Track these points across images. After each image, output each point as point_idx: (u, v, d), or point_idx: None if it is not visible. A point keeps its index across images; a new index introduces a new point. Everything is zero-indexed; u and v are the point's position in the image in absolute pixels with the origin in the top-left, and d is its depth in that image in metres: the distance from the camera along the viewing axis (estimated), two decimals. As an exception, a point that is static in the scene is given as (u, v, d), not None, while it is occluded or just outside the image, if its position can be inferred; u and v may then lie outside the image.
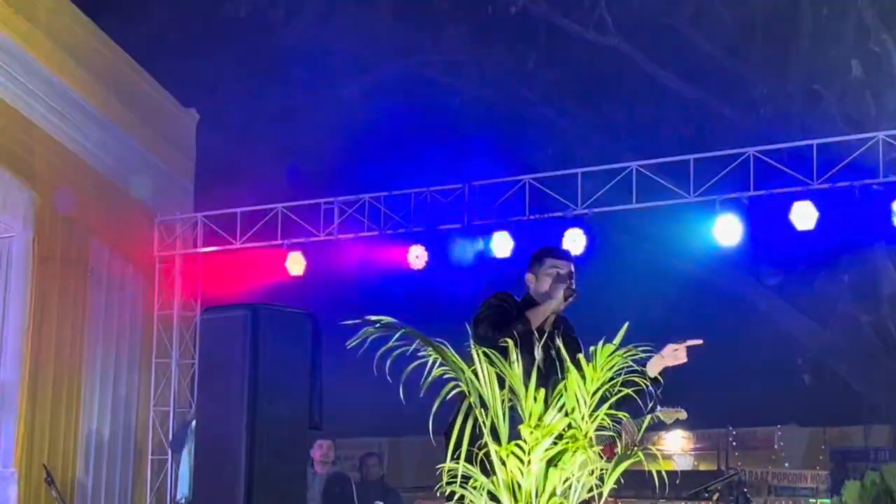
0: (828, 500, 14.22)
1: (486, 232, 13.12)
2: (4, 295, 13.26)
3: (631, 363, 5.61)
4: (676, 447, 18.34)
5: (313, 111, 14.59)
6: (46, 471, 12.29)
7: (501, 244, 13.01)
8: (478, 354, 5.60)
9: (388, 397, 5.66)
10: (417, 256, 13.36)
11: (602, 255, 13.03)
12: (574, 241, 12.75)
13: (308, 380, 10.22)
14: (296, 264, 13.57)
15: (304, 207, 13.64)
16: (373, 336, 5.52)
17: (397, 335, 5.52)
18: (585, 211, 12.67)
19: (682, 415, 7.89)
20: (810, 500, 17.36)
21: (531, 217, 12.95)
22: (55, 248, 13.22)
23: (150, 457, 14.03)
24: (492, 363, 5.63)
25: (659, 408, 7.44)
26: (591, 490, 5.62)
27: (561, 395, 5.62)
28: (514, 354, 5.71)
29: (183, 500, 12.92)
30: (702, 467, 18.29)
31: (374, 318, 5.58)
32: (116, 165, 13.72)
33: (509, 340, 6.03)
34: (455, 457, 5.42)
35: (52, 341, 13.14)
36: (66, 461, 13.26)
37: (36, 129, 12.81)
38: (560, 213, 12.83)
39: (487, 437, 5.53)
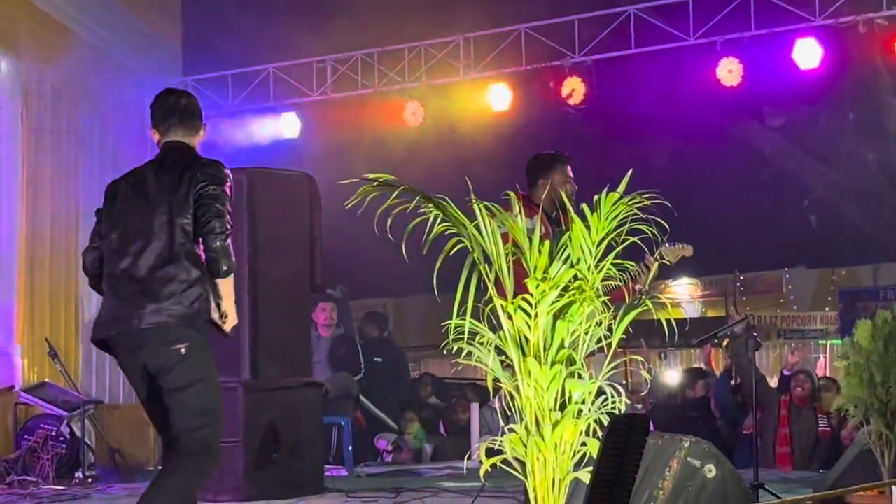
0: (839, 341, 14.18)
1: (483, 84, 12.88)
2: (-5, 167, 13.12)
3: (636, 210, 5.48)
4: (684, 295, 18.30)
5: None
6: (49, 345, 12.24)
7: (499, 97, 12.79)
8: (479, 209, 5.45)
9: (390, 257, 5.53)
10: (413, 113, 13.14)
11: (602, 103, 12.82)
12: (573, 89, 12.54)
13: (308, 242, 10.09)
14: (290, 125, 13.36)
15: (296, 67, 13.39)
16: (371, 195, 5.38)
17: (396, 193, 5.38)
18: (584, 58, 12.41)
19: (688, 251, 7.77)
20: (820, 342, 17.36)
21: (528, 67, 12.70)
22: (44, 118, 13.02)
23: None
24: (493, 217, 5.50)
25: (665, 245, 7.33)
26: (599, 341, 5.53)
27: (566, 247, 5.49)
28: (517, 207, 5.57)
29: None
30: (710, 314, 18.29)
31: (372, 175, 5.43)
32: (102, 31, 13.45)
33: (511, 193, 5.89)
34: (461, 313, 5.32)
35: (46, 214, 13.02)
36: (69, 334, 13.22)
37: (18, -2, 12.55)
38: (558, 62, 12.57)
39: (492, 292, 5.42)
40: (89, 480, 11.25)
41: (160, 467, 6.00)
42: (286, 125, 13.32)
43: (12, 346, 12.70)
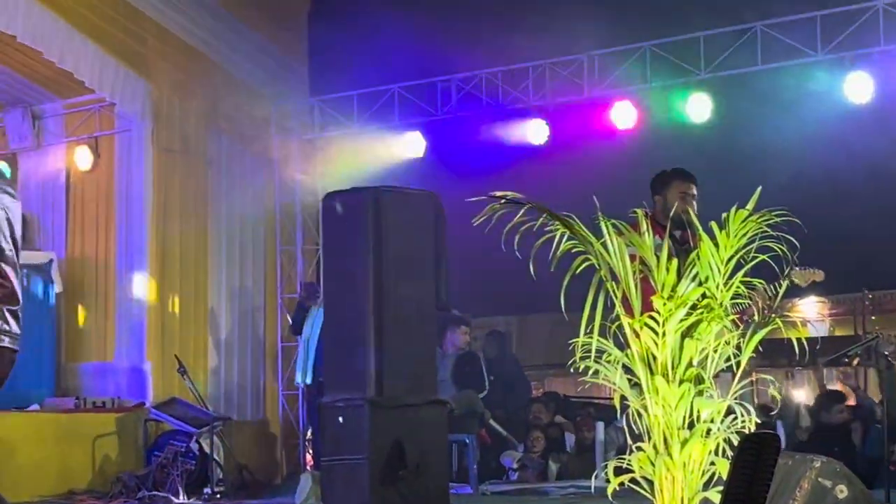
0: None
1: (608, 101, 12.81)
2: (128, 189, 13.35)
3: (765, 228, 5.43)
4: (812, 313, 18.04)
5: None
6: (179, 361, 12.43)
7: (623, 114, 12.72)
8: (606, 226, 5.45)
9: (513, 275, 5.53)
10: (538, 131, 13.12)
11: (728, 119, 12.69)
12: (699, 106, 12.43)
13: (433, 260, 10.12)
14: (415, 144, 13.41)
15: (421, 87, 13.44)
16: (498, 213, 5.39)
17: (523, 210, 5.38)
18: (710, 75, 12.30)
19: (819, 275, 7.67)
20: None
21: (653, 84, 12.62)
22: (174, 138, 13.24)
23: (279, 344, 14.11)
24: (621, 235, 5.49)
25: (795, 268, 7.24)
26: (728, 360, 5.48)
27: (694, 265, 5.46)
28: (644, 224, 5.55)
29: (302, 385, 13.02)
30: (838, 332, 17.98)
31: (499, 193, 5.44)
32: (230, 53, 13.65)
33: (638, 211, 5.88)
34: (588, 331, 5.31)
35: (176, 233, 13.23)
36: (197, 351, 13.41)
37: (147, 20, 12.78)
38: (683, 79, 12.48)
39: (619, 310, 5.40)
40: (218, 496, 11.40)
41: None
42: (411, 144, 13.37)
43: (143, 363, 12.93)
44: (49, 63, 12.49)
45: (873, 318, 16.48)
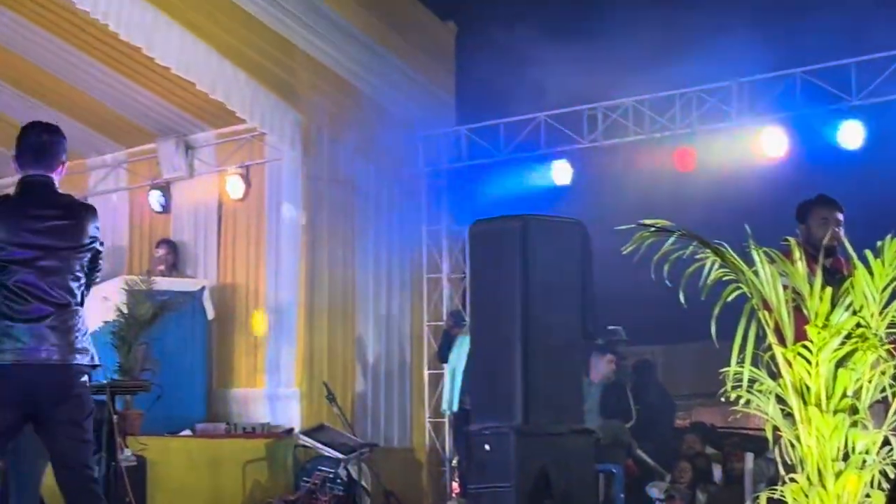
0: None
1: (757, 129, 12.66)
2: (277, 217, 13.55)
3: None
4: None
5: (561, 16, 14.32)
6: (327, 388, 12.55)
7: (773, 141, 12.56)
8: (758, 255, 5.40)
9: (660, 304, 5.51)
10: (686, 158, 13.02)
11: (881, 146, 12.46)
12: (851, 133, 12.23)
13: (579, 288, 10.10)
14: (562, 172, 13.40)
15: (567, 115, 13.43)
16: (648, 241, 5.37)
17: (672, 238, 5.36)
18: (862, 102, 12.10)
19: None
20: None
21: (803, 111, 12.44)
22: (322, 167, 13.40)
23: (425, 371, 14.17)
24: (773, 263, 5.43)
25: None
26: (882, 390, 5.39)
27: (847, 293, 5.38)
28: (797, 253, 5.48)
29: (448, 412, 13.06)
30: None
31: (648, 221, 5.43)
32: (377, 82, 13.79)
33: (791, 240, 5.81)
34: (740, 360, 5.26)
35: (324, 261, 13.38)
36: (346, 378, 13.52)
37: (296, 51, 12.97)
38: (834, 106, 12.29)
39: (772, 339, 5.34)
40: (365, 522, 11.47)
41: None
42: (558, 172, 13.36)
43: (292, 390, 13.08)
44: (202, 93, 12.74)
45: None
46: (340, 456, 11.83)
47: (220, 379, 13.81)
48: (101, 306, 12.53)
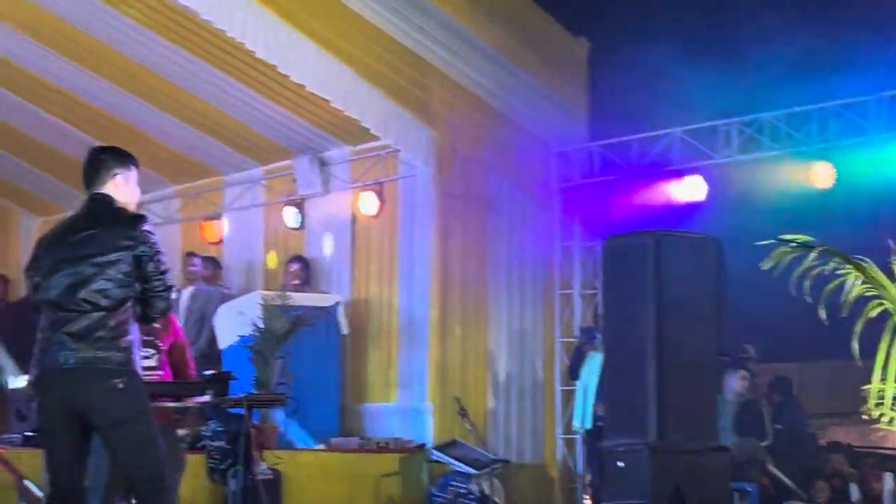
0: None
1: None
2: (411, 233, 13.63)
3: None
4: None
5: (697, 31, 14.21)
6: (459, 403, 12.58)
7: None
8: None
9: (794, 321, 5.44)
10: (823, 174, 12.82)
11: None
12: None
13: (714, 305, 10.03)
14: (695, 189, 13.29)
15: (701, 131, 13.32)
16: (790, 256, 5.32)
17: (814, 254, 5.30)
18: None
19: None
20: None
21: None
22: (455, 183, 13.45)
23: (557, 387, 14.13)
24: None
25: None
26: None
27: None
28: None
29: (581, 429, 13.00)
30: None
31: (789, 237, 5.37)
32: (510, 99, 13.81)
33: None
34: (882, 378, 5.18)
35: (457, 276, 13.42)
36: (478, 393, 13.53)
37: (430, 68, 13.04)
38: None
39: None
40: (498, 538, 11.47)
41: None
42: (692, 188, 13.23)
43: (425, 405, 13.13)
44: (337, 111, 12.87)
45: None
46: (473, 471, 11.85)
47: (354, 393, 13.92)
48: (237, 321, 12.75)
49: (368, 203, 13.99)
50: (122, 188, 6.66)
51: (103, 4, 12.05)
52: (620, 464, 9.67)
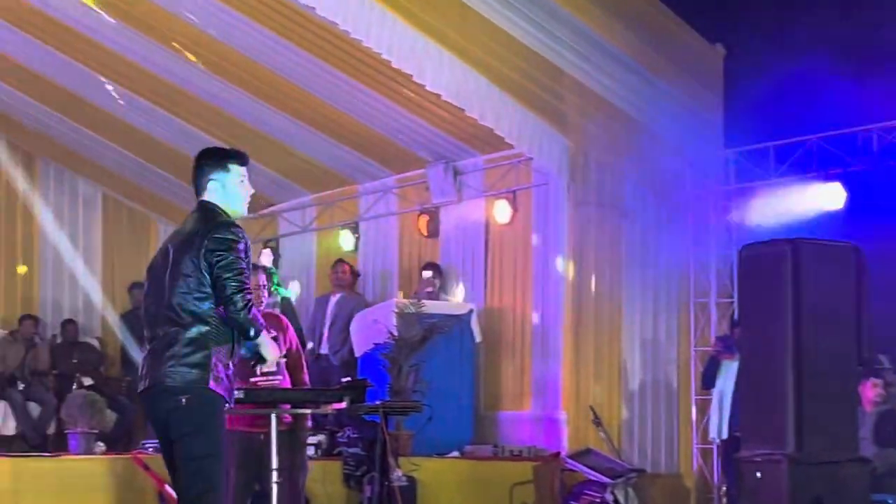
0: None
1: None
2: (545, 241, 13.64)
3: None
4: None
5: (835, 36, 14.00)
6: (594, 412, 12.54)
7: None
8: None
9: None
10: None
11: None
12: None
13: (854, 314, 9.88)
14: (834, 196, 13.08)
15: (840, 137, 13.12)
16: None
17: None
18: None
19: None
20: None
21: None
22: (589, 191, 13.41)
23: (693, 396, 14.01)
24: None
25: None
26: None
27: None
28: None
29: (717, 439, 12.88)
30: None
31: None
32: (645, 106, 13.70)
33: None
34: None
35: (591, 285, 13.37)
36: (612, 402, 13.47)
37: (564, 76, 13.01)
38: None
39: None
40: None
41: None
42: (830, 196, 13.03)
43: (558, 413, 13.12)
44: (470, 119, 12.92)
45: None
46: (607, 480, 11.80)
47: (487, 401, 13.96)
48: (372, 329, 12.87)
49: (501, 211, 14.03)
50: (219, 192, 6.36)
51: (243, 16, 12.25)
52: (758, 474, 9.56)
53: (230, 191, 6.39)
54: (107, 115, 15.33)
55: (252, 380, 8.53)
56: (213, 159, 6.41)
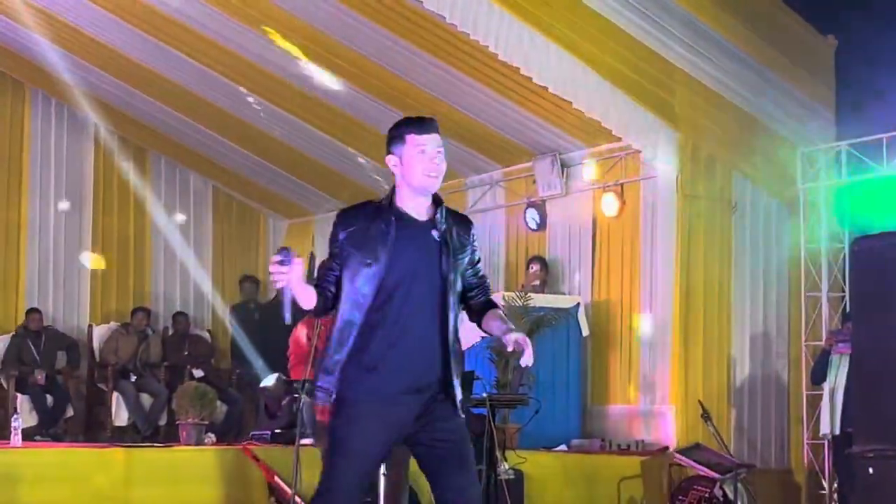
0: None
1: None
2: (653, 235, 13.55)
3: None
4: None
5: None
6: (702, 406, 12.44)
7: None
8: None
9: None
10: None
11: None
12: None
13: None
14: (947, 188, 12.86)
15: (954, 128, 12.90)
16: None
17: None
18: None
19: None
20: None
21: None
22: (699, 185, 13.31)
23: (804, 392, 13.84)
24: None
25: None
26: None
27: None
28: None
29: (829, 436, 12.72)
30: None
31: None
32: (756, 99, 13.59)
33: None
34: None
35: (700, 278, 13.27)
36: (720, 397, 13.36)
37: (673, 68, 12.93)
38: None
39: None
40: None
41: None
42: (943, 188, 12.84)
43: (667, 408, 13.04)
44: (578, 112, 12.87)
45: None
46: (717, 476, 11.71)
47: (595, 395, 13.92)
48: (479, 321, 12.85)
49: (609, 204, 13.96)
50: (397, 168, 5.66)
51: (356, 14, 12.32)
52: (870, 470, 9.44)
53: (407, 165, 5.63)
54: (217, 109, 15.52)
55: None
56: (392, 130, 5.77)
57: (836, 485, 12.79)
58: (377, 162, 15.62)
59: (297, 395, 9.11)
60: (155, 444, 11.83)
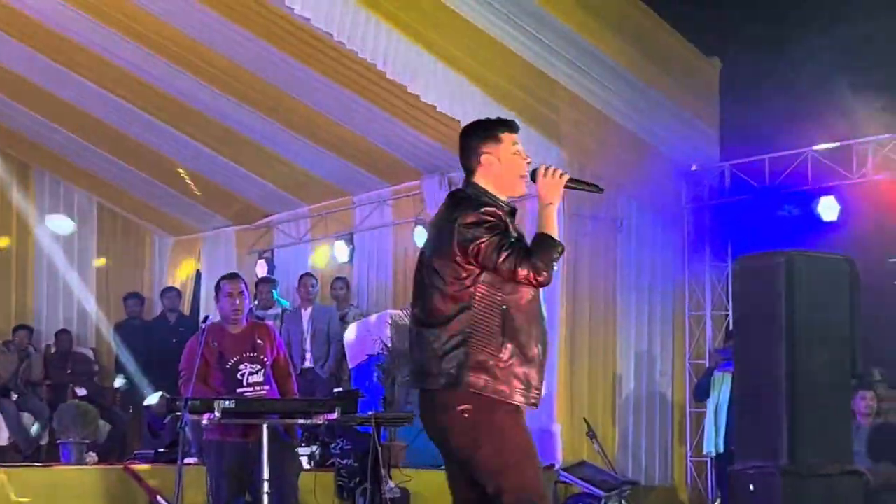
0: None
1: None
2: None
3: None
4: None
5: (830, 51, 14.01)
6: (588, 424, 12.50)
7: None
8: None
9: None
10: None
11: None
12: None
13: (847, 327, 9.85)
14: (828, 209, 13.08)
15: (835, 150, 13.12)
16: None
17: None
18: None
19: None
20: None
21: None
22: (584, 203, 13.38)
23: (687, 409, 13.99)
24: None
25: None
26: None
27: None
28: None
29: (711, 452, 12.87)
30: None
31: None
32: (640, 118, 13.71)
33: None
34: None
35: (585, 297, 13.36)
36: (606, 415, 13.46)
37: (558, 87, 12.99)
38: None
39: None
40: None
41: None
42: (824, 208, 13.03)
43: (553, 426, 13.08)
44: (465, 130, 12.86)
45: None
46: (601, 493, 11.76)
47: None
48: (366, 340, 12.84)
49: (498, 223, 13.94)
50: (491, 168, 5.59)
51: (239, 27, 12.23)
52: (751, 487, 9.53)
53: (503, 163, 5.66)
54: (103, 125, 15.33)
55: (238, 390, 8.55)
56: (482, 129, 5.75)
57: (718, 502, 12.92)
58: (271, 183, 15.58)
59: (179, 414, 9.02)
60: (35, 464, 11.63)
